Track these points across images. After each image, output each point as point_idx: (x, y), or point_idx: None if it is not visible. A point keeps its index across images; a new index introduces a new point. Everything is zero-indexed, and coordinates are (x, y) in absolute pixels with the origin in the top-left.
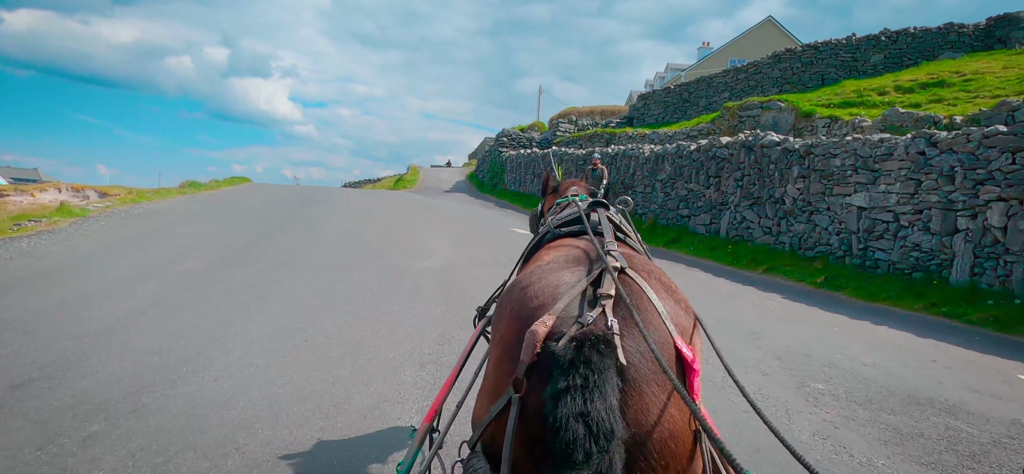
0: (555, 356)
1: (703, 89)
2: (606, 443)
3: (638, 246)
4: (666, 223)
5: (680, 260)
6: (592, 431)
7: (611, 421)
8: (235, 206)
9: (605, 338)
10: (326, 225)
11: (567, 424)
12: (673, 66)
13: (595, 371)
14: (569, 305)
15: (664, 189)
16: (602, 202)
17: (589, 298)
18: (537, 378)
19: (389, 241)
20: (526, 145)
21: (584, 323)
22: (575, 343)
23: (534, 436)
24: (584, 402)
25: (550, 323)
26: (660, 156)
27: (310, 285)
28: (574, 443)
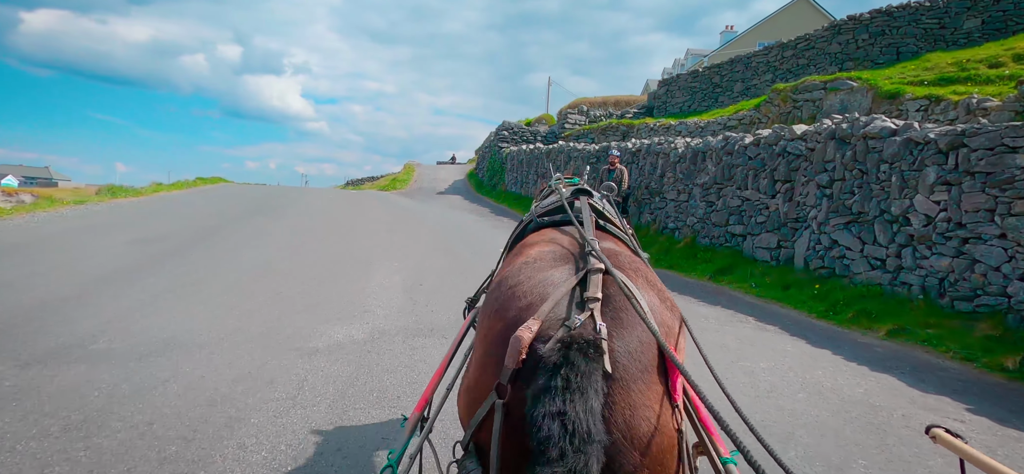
0: (540, 359)
1: (739, 71)
2: (582, 444)
3: (622, 234)
4: (710, 243)
5: (735, 303)
6: (568, 430)
7: (589, 423)
8: (156, 215)
9: (593, 343)
10: (240, 253)
11: (543, 422)
12: (694, 52)
13: (578, 374)
14: (556, 307)
15: (706, 196)
16: (585, 189)
17: (577, 300)
18: (524, 382)
19: (310, 285)
20: (529, 140)
21: (572, 327)
22: (561, 346)
23: (521, 438)
24: (562, 402)
25: (535, 328)
26: (700, 153)
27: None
28: (548, 441)
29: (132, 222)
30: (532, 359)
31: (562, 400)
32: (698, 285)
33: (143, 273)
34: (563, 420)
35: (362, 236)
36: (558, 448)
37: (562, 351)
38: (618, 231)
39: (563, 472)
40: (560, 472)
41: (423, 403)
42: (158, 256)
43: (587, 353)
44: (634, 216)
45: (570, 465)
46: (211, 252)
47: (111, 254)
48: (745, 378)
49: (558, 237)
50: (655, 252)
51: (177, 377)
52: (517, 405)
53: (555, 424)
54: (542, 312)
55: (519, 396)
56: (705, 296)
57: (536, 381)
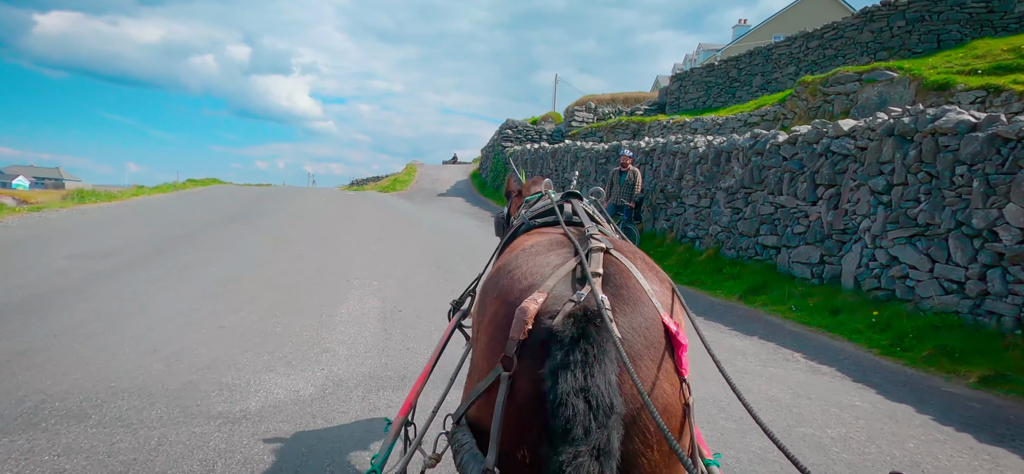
0: (553, 332)
1: (758, 64)
2: (606, 419)
3: (612, 234)
4: (737, 255)
5: (775, 332)
6: (592, 406)
7: (611, 396)
8: (117, 224)
9: (598, 314)
10: (195, 272)
11: (568, 400)
12: (706, 46)
13: (595, 346)
14: (558, 284)
15: (731, 202)
16: (575, 193)
17: (578, 277)
18: (529, 355)
19: (266, 314)
20: (534, 138)
21: (576, 300)
22: (573, 319)
23: (527, 414)
24: (585, 377)
25: (541, 300)
26: (723, 152)
27: None
28: (574, 419)
29: (84, 233)
30: (540, 333)
31: (585, 375)
32: (727, 307)
33: (63, 300)
34: (587, 396)
35: (345, 246)
36: (582, 426)
37: (575, 324)
38: (610, 232)
39: (587, 450)
40: (584, 450)
41: (407, 406)
42: (92, 277)
43: (595, 323)
44: (647, 223)
45: (594, 442)
46: (159, 271)
47: (38, 273)
48: (814, 454)
49: (552, 231)
50: (673, 265)
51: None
52: (524, 379)
53: (580, 401)
54: (546, 286)
55: (526, 370)
56: (738, 322)
57: (553, 357)
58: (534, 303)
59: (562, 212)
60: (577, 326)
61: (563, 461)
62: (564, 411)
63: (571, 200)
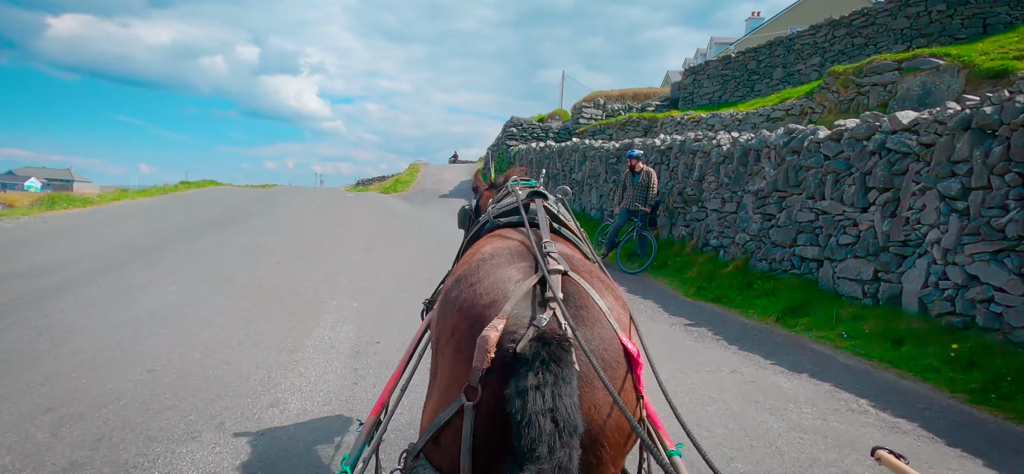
0: (518, 356)
1: (779, 56)
2: (569, 437)
3: (577, 238)
4: (770, 268)
5: (827, 367)
6: (559, 426)
7: (575, 416)
8: (77, 234)
9: (565, 338)
10: (145, 293)
11: (535, 420)
12: (719, 40)
13: (562, 368)
14: (518, 305)
15: (762, 207)
16: (541, 192)
17: (538, 299)
18: (493, 382)
19: (215, 347)
20: (540, 137)
21: (539, 325)
22: (539, 344)
23: (488, 438)
24: (553, 398)
25: (501, 327)
26: (752, 150)
27: None
28: (540, 438)
29: (35, 245)
30: (503, 359)
31: (552, 396)
32: (762, 331)
33: None
34: (554, 416)
35: (330, 255)
36: (547, 445)
37: (541, 348)
38: (571, 234)
39: (550, 468)
40: (547, 468)
41: (379, 407)
42: (10, 303)
43: (564, 347)
44: (663, 229)
45: (557, 460)
46: (101, 292)
47: None
48: None
49: (513, 235)
50: (695, 277)
51: None
52: (487, 407)
53: (547, 421)
54: (505, 311)
55: (490, 398)
56: (778, 351)
57: (519, 379)
58: (494, 331)
59: (527, 212)
60: (544, 349)
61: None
62: (530, 431)
63: (536, 199)
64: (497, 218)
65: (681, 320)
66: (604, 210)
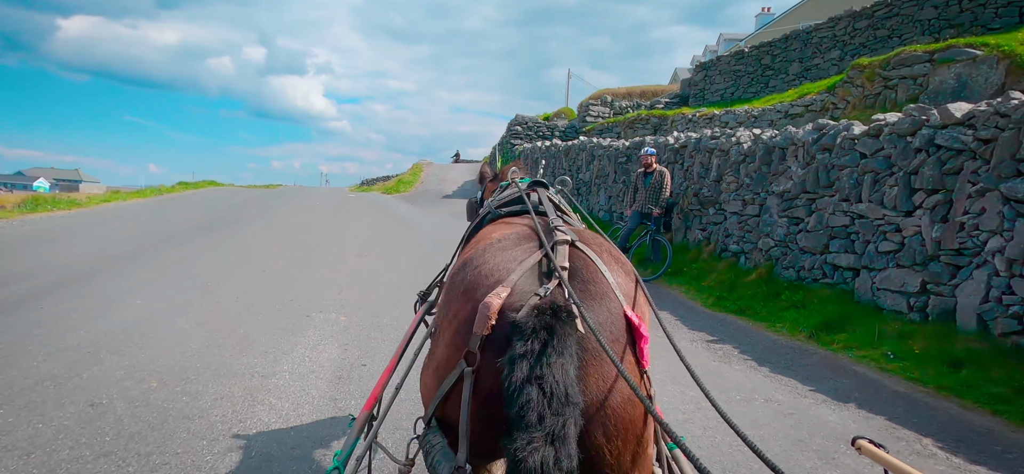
0: (515, 325)
1: (796, 50)
2: (560, 407)
3: (579, 225)
4: (798, 277)
5: (875, 395)
6: (545, 394)
7: (566, 386)
8: (48, 242)
9: (565, 308)
10: (121, 304)
11: (521, 387)
12: (729, 36)
13: (555, 337)
14: (524, 278)
15: (788, 210)
16: (542, 182)
17: (544, 270)
18: (493, 350)
19: (175, 375)
20: (546, 135)
21: (541, 294)
22: (536, 313)
23: (493, 407)
24: (539, 366)
25: (504, 295)
26: (776, 149)
27: None
28: (527, 405)
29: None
30: (503, 327)
31: (540, 364)
32: (795, 349)
33: None
34: (541, 384)
35: (321, 262)
36: (537, 412)
37: (537, 317)
38: (574, 223)
39: (541, 436)
40: (538, 436)
41: (372, 401)
42: None
43: (561, 317)
44: (677, 232)
45: (548, 428)
46: (57, 309)
47: None
48: None
49: (518, 221)
50: (714, 285)
51: None
52: (488, 374)
53: (533, 389)
54: (511, 281)
55: (490, 364)
56: (816, 374)
57: (512, 348)
58: (498, 298)
59: (529, 200)
60: (541, 319)
61: (518, 446)
62: (518, 398)
63: (537, 189)
64: (499, 208)
65: (702, 335)
66: (613, 212)
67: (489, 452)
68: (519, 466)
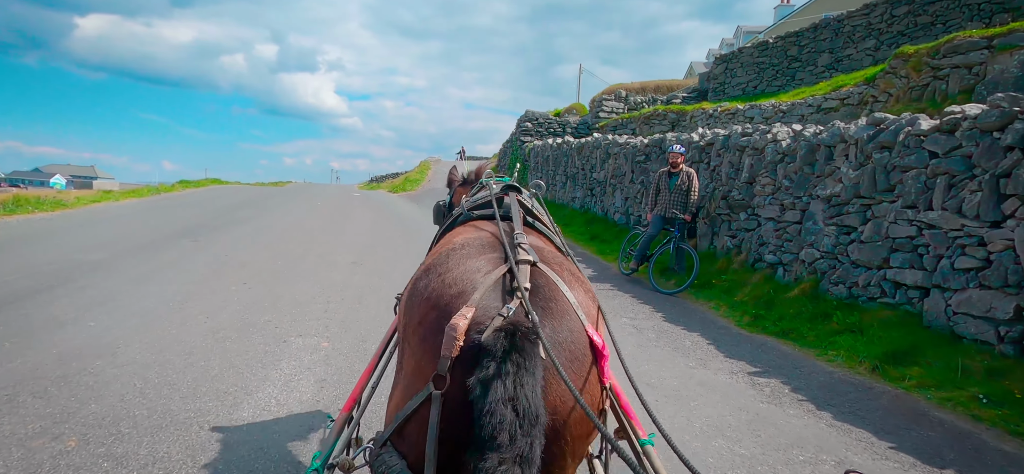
0: (483, 346)
1: (826, 40)
2: (530, 427)
3: (550, 232)
4: (849, 295)
5: (964, 451)
6: (519, 415)
7: (537, 406)
8: (9, 248)
9: (532, 329)
10: (73, 326)
11: (496, 409)
12: (748, 29)
13: (526, 358)
14: (486, 295)
15: (836, 216)
16: (515, 186)
17: (506, 288)
18: (458, 370)
19: (97, 432)
20: (557, 132)
21: (506, 315)
22: (504, 334)
23: (454, 427)
24: (514, 388)
25: (470, 315)
26: (822, 146)
27: None
28: (501, 427)
29: None
30: (469, 347)
31: (513, 386)
32: (857, 386)
33: None
34: (515, 405)
35: (309, 273)
36: (508, 433)
37: (506, 338)
38: (545, 228)
39: (511, 457)
40: (508, 457)
41: (351, 403)
42: None
43: (529, 338)
44: (702, 239)
45: (518, 449)
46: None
47: None
48: None
49: (485, 226)
50: (748, 300)
51: None
52: (454, 395)
53: (507, 410)
54: (474, 300)
55: (456, 385)
56: (893, 425)
57: (484, 369)
58: (463, 319)
59: (500, 205)
60: (508, 340)
61: (488, 467)
62: (491, 419)
63: (510, 193)
64: (470, 211)
65: (743, 365)
66: (630, 215)
67: (440, 469)
68: None
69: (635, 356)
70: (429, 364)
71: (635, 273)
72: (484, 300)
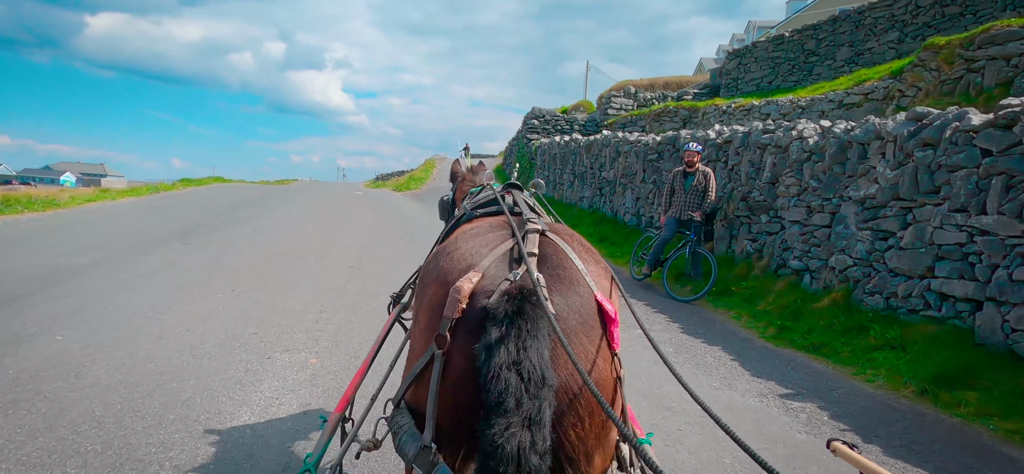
0: (487, 310)
1: (845, 33)
2: (537, 390)
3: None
4: (888, 307)
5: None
6: (524, 379)
7: (543, 369)
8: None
9: (534, 292)
10: (31, 342)
11: (500, 373)
12: (760, 24)
13: (528, 321)
14: (494, 263)
15: (872, 220)
16: (516, 184)
17: (515, 256)
18: (464, 333)
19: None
20: (565, 129)
21: (511, 279)
22: (507, 297)
23: (463, 391)
24: (517, 351)
25: (475, 279)
26: (855, 144)
27: None
28: (507, 391)
29: None
30: (475, 311)
31: (516, 349)
32: (901, 411)
33: None
34: (519, 369)
35: (302, 280)
36: (514, 397)
37: (510, 302)
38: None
39: (519, 421)
40: (515, 421)
41: (345, 402)
42: None
43: (531, 301)
44: (721, 242)
45: (526, 412)
46: None
47: None
48: None
49: (491, 218)
50: (772, 311)
51: None
52: (458, 357)
53: (512, 374)
54: (482, 266)
55: (461, 348)
56: (950, 463)
57: (487, 333)
58: (469, 282)
59: (504, 202)
60: (512, 304)
61: (495, 432)
62: (496, 384)
63: (512, 191)
64: (473, 210)
65: (772, 386)
66: (641, 216)
67: (456, 435)
68: (496, 451)
69: (652, 373)
70: (434, 328)
71: (648, 278)
72: (491, 268)
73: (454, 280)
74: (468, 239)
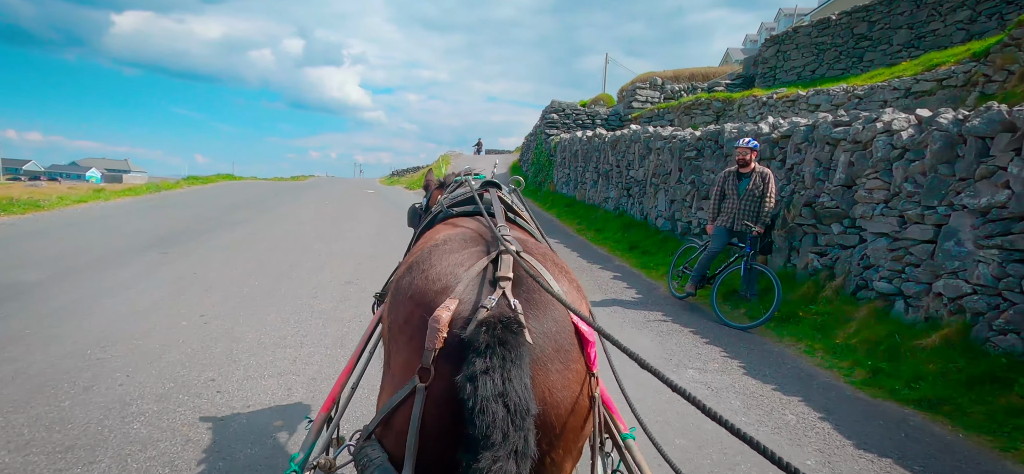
0: (467, 341)
1: (904, 13)
2: (522, 421)
3: (531, 226)
4: (1023, 346)
5: None
6: (510, 410)
7: (527, 399)
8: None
9: (514, 320)
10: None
11: (487, 406)
12: (789, 12)
13: (511, 351)
14: (469, 288)
15: (993, 233)
16: (494, 182)
17: (489, 279)
18: (444, 364)
19: None
20: (586, 124)
21: (488, 307)
22: (486, 327)
23: (443, 423)
24: (503, 383)
25: (453, 307)
26: (969, 139)
27: None
28: (494, 424)
29: None
30: (453, 341)
31: (502, 381)
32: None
33: None
34: (506, 401)
35: (284, 301)
36: (501, 431)
37: (491, 331)
38: (527, 223)
39: (506, 453)
40: (503, 454)
41: (330, 402)
42: None
43: (512, 329)
44: (779, 255)
45: (512, 445)
46: None
47: None
48: None
49: (466, 222)
50: (856, 346)
51: None
52: (438, 388)
53: (499, 406)
54: (457, 292)
55: (440, 379)
56: None
57: (471, 365)
58: (447, 311)
59: (482, 201)
60: (491, 333)
61: (482, 466)
62: (484, 417)
63: (490, 189)
64: (450, 208)
65: (888, 465)
66: (677, 221)
67: (434, 467)
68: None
69: (718, 440)
70: (415, 358)
71: (692, 297)
72: (467, 292)
73: (429, 302)
74: (442, 255)
